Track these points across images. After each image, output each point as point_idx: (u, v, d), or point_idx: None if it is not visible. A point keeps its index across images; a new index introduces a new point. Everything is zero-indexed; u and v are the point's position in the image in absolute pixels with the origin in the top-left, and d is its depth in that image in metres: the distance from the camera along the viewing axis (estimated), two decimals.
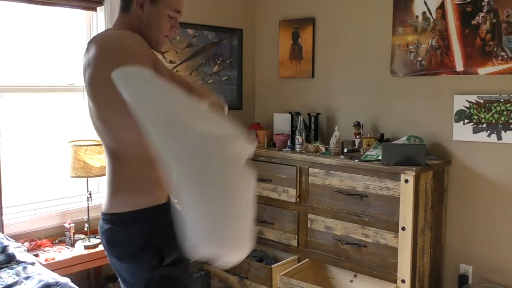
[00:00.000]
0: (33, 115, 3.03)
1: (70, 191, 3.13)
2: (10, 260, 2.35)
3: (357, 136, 3.21)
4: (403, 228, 2.74)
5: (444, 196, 3.04)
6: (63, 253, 2.77)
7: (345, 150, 3.10)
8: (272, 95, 3.93)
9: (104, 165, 2.52)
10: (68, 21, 3.09)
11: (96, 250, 2.84)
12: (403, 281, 2.76)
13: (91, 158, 2.84)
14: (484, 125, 2.86)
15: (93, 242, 2.90)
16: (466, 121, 2.93)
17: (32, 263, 2.39)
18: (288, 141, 3.41)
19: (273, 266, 3.17)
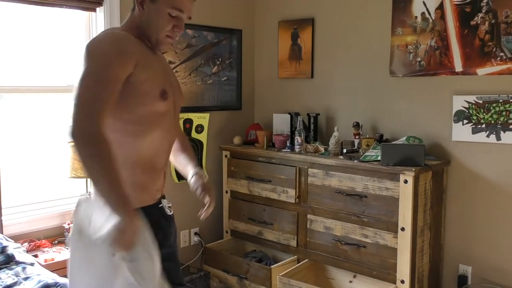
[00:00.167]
0: (32, 116, 3.03)
1: (69, 191, 3.13)
2: (9, 261, 2.35)
3: (357, 137, 3.21)
4: (403, 229, 2.74)
5: (443, 196, 3.04)
6: (62, 254, 2.76)
7: (345, 150, 3.10)
8: (272, 96, 3.93)
9: None
10: (68, 22, 3.09)
11: None
12: (403, 281, 2.76)
13: None
14: (483, 126, 2.87)
15: None
16: (465, 121, 2.93)
17: (32, 264, 2.39)
18: (288, 142, 3.41)
19: (272, 266, 3.17)
